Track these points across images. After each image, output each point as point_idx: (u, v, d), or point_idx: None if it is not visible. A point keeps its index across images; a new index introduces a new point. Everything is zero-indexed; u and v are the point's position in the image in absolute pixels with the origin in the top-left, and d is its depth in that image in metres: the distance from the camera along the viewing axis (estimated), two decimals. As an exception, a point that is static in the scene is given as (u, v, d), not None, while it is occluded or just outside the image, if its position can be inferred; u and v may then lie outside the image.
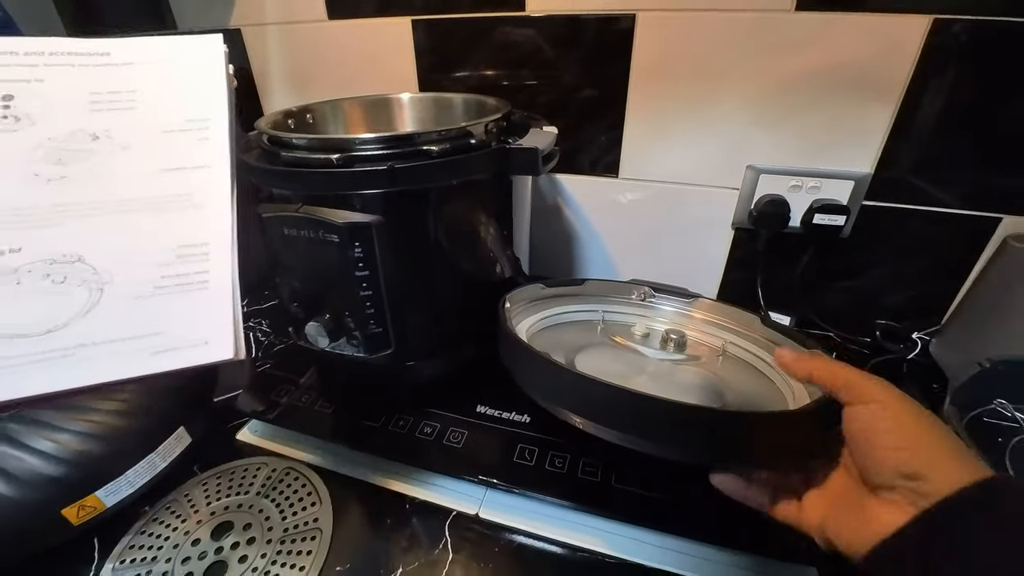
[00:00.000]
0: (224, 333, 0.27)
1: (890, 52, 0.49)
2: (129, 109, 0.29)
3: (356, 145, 0.38)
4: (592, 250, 0.70)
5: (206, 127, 0.30)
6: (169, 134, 0.30)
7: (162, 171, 0.29)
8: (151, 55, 0.31)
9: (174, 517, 0.43)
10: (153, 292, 0.27)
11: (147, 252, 0.28)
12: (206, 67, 0.31)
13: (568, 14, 0.56)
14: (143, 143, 0.29)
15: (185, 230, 0.28)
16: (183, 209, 0.29)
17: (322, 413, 0.49)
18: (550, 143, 0.42)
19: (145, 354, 0.26)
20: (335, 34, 0.66)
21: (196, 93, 0.31)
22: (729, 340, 0.47)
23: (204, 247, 0.28)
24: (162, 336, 0.27)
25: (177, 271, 0.28)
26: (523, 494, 0.41)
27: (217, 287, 0.28)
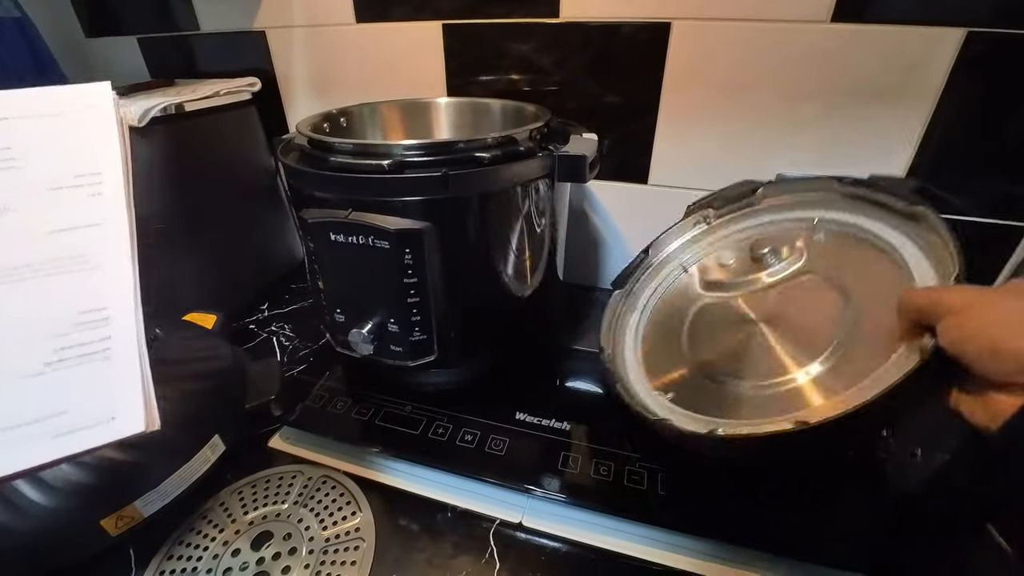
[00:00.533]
0: (133, 404, 0.25)
1: (923, 64, 0.49)
2: (7, 168, 0.27)
3: (406, 151, 0.38)
4: (618, 256, 0.70)
5: (98, 181, 0.28)
6: (56, 191, 0.27)
7: (51, 233, 0.27)
8: (27, 109, 0.29)
9: (211, 527, 0.42)
10: (45, 369, 0.25)
11: (38, 324, 0.25)
12: (96, 117, 0.29)
13: (602, 21, 0.56)
14: (27, 205, 0.27)
15: (81, 295, 0.26)
16: (78, 272, 0.27)
17: (358, 420, 0.48)
18: (594, 150, 0.42)
19: (46, 438, 0.24)
20: (362, 37, 0.65)
21: (85, 145, 0.29)
22: (817, 216, 0.45)
23: (104, 311, 0.26)
24: (64, 416, 0.24)
25: (74, 341, 0.25)
26: (567, 502, 0.41)
27: (121, 354, 0.26)
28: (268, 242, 0.73)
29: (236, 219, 0.68)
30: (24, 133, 0.28)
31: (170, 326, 0.52)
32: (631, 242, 0.69)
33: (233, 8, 0.70)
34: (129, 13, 0.77)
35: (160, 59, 0.79)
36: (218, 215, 0.65)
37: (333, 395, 0.51)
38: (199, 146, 0.62)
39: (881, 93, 0.52)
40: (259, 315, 0.70)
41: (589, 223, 0.69)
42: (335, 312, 0.43)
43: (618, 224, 0.68)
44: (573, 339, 0.59)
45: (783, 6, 0.50)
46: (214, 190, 0.64)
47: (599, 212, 0.68)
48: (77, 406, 0.25)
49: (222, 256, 0.66)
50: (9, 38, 0.70)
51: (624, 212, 0.67)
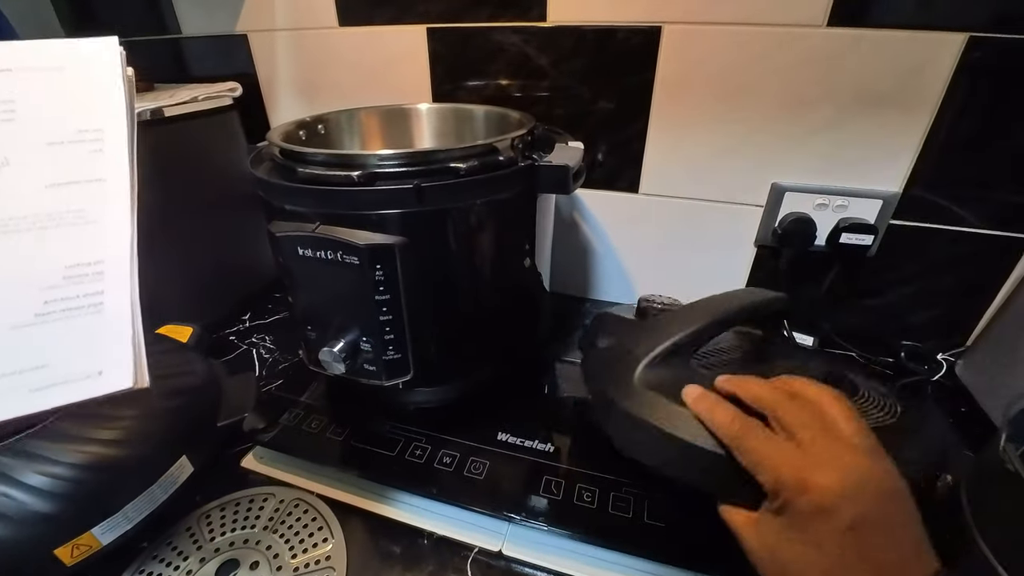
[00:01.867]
0: (122, 360, 0.25)
1: (923, 70, 0.48)
2: (7, 120, 0.27)
3: (378, 161, 0.36)
4: (609, 266, 0.68)
5: (100, 138, 0.28)
6: (56, 146, 0.27)
7: (48, 187, 0.27)
8: (34, 61, 0.28)
9: (175, 554, 0.40)
10: (34, 320, 0.25)
11: (28, 275, 0.25)
12: (101, 72, 0.29)
13: (591, 25, 0.54)
14: (24, 158, 0.27)
15: (75, 248, 0.26)
16: (73, 225, 0.26)
17: (333, 440, 0.46)
18: (578, 160, 0.40)
19: (22, 391, 0.24)
20: (346, 41, 0.64)
21: (89, 101, 0.28)
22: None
23: (98, 266, 0.26)
24: (44, 369, 0.24)
25: (64, 294, 0.25)
26: (549, 530, 0.39)
27: (113, 309, 0.26)
28: (250, 251, 0.71)
29: (216, 227, 0.66)
30: (26, 86, 0.28)
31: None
32: (622, 252, 0.67)
33: (215, 11, 0.68)
34: (110, 15, 0.75)
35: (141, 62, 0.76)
36: (198, 223, 0.63)
37: (309, 413, 0.49)
38: (178, 152, 0.60)
39: (880, 99, 0.50)
40: (240, 326, 0.68)
41: (579, 232, 0.67)
42: (306, 329, 0.41)
43: (609, 234, 0.66)
44: (561, 351, 0.57)
45: (777, 10, 0.49)
46: (194, 197, 0.62)
47: (589, 221, 0.66)
48: (62, 359, 0.25)
49: (203, 265, 0.64)
50: (-14, 40, 0.68)
51: (615, 222, 0.65)
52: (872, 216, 0.54)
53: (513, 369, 0.51)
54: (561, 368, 0.45)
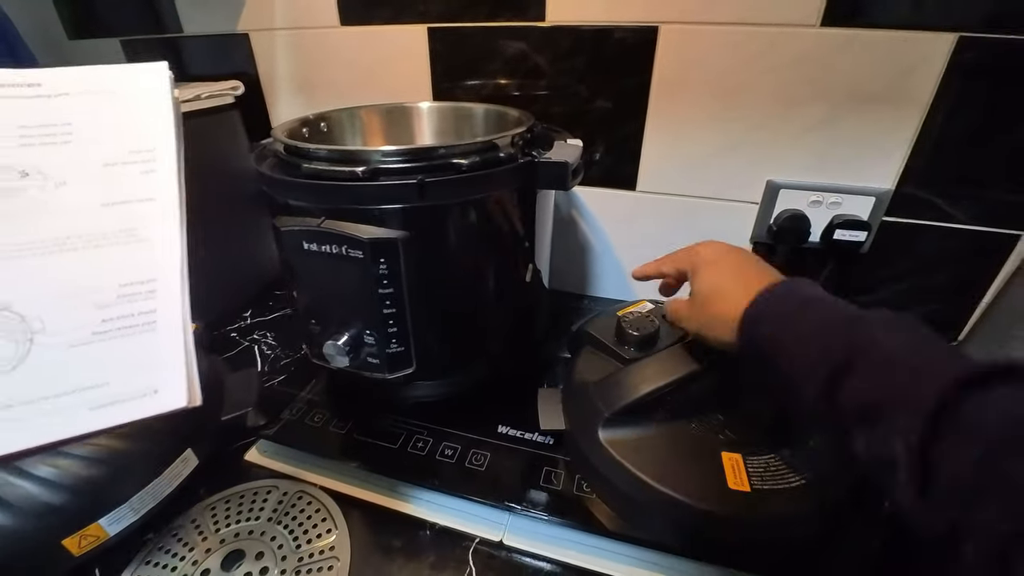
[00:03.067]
0: (176, 378, 0.26)
1: (914, 69, 0.49)
2: (64, 143, 0.28)
3: (381, 157, 0.37)
4: (607, 263, 0.69)
5: (152, 158, 0.29)
6: (111, 167, 0.28)
7: (103, 206, 0.27)
8: (87, 85, 0.29)
9: (181, 545, 0.41)
10: (92, 338, 0.25)
11: (85, 294, 0.25)
12: (150, 95, 0.30)
13: (589, 25, 0.55)
14: (81, 178, 0.27)
15: (129, 267, 0.27)
16: (127, 244, 0.27)
17: (336, 434, 0.47)
18: (577, 156, 0.41)
19: (83, 409, 0.24)
20: (347, 40, 0.64)
21: (140, 123, 0.29)
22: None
23: (151, 283, 0.27)
24: (104, 388, 0.24)
25: (120, 312, 0.26)
26: (550, 520, 0.40)
27: (166, 327, 0.26)
28: (252, 248, 0.72)
29: (219, 224, 0.66)
30: (83, 109, 0.28)
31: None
32: (619, 249, 0.68)
33: (216, 10, 0.68)
34: (112, 15, 0.75)
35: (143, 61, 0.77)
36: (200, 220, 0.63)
37: (312, 407, 0.50)
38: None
39: (873, 98, 0.51)
40: (241, 323, 0.68)
41: (577, 230, 0.68)
42: (310, 323, 0.42)
43: (606, 231, 0.67)
44: (559, 348, 0.58)
45: (772, 10, 0.49)
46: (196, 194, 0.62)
47: (587, 219, 0.67)
48: (119, 378, 0.25)
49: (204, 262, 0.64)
50: (-12, 40, 0.68)
51: (612, 219, 0.66)
52: (865, 213, 0.55)
53: (513, 364, 0.52)
54: (543, 394, 0.46)
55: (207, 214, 0.63)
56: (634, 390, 0.38)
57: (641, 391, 0.38)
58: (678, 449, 0.37)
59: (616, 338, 0.45)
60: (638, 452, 0.37)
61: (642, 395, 0.38)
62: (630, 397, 0.38)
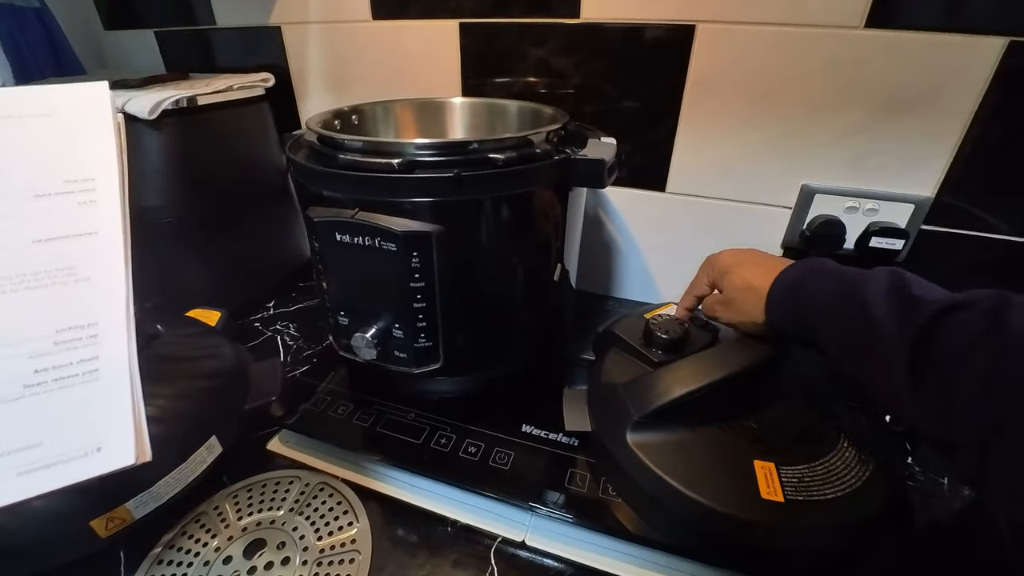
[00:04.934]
0: (122, 433, 0.23)
1: (960, 74, 0.47)
2: None
3: (416, 150, 0.36)
4: (633, 265, 0.68)
5: (91, 188, 0.26)
6: (43, 198, 0.25)
7: (34, 243, 0.24)
8: (19, 108, 0.26)
9: (204, 532, 0.41)
10: (23, 392, 0.22)
11: (15, 343, 0.23)
12: (90, 119, 0.27)
13: (624, 23, 0.54)
14: (9, 212, 0.25)
15: (67, 310, 0.24)
16: (64, 284, 0.24)
17: (359, 426, 0.47)
18: (613, 155, 0.41)
19: (9, 475, 0.21)
20: (378, 34, 0.64)
21: (78, 149, 0.27)
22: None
23: (92, 328, 0.24)
24: (36, 449, 0.22)
25: (56, 362, 0.23)
26: (574, 522, 0.39)
27: (110, 376, 0.24)
28: (277, 239, 0.72)
29: (245, 215, 0.67)
30: (13, 134, 0.26)
31: (172, 322, 0.51)
32: (647, 251, 0.67)
33: (249, 3, 0.69)
34: (147, 7, 0.76)
35: (176, 53, 0.78)
36: (227, 210, 0.64)
37: (335, 399, 0.50)
38: (210, 140, 0.61)
39: (915, 102, 0.49)
40: (264, 313, 0.69)
41: (604, 230, 0.67)
42: (339, 315, 0.42)
43: (633, 232, 0.66)
44: (584, 348, 0.57)
45: (814, 10, 0.48)
46: (224, 185, 0.63)
47: (614, 219, 0.66)
48: (55, 437, 0.22)
49: (230, 252, 0.65)
50: (28, 29, 0.70)
51: (640, 220, 0.65)
52: (903, 220, 0.53)
53: (539, 362, 0.52)
54: (568, 395, 0.46)
55: (233, 203, 0.64)
56: (665, 393, 0.38)
57: (673, 394, 0.37)
58: (709, 455, 0.36)
59: (644, 340, 0.45)
60: (667, 456, 0.36)
61: (674, 398, 0.37)
62: (661, 400, 0.37)
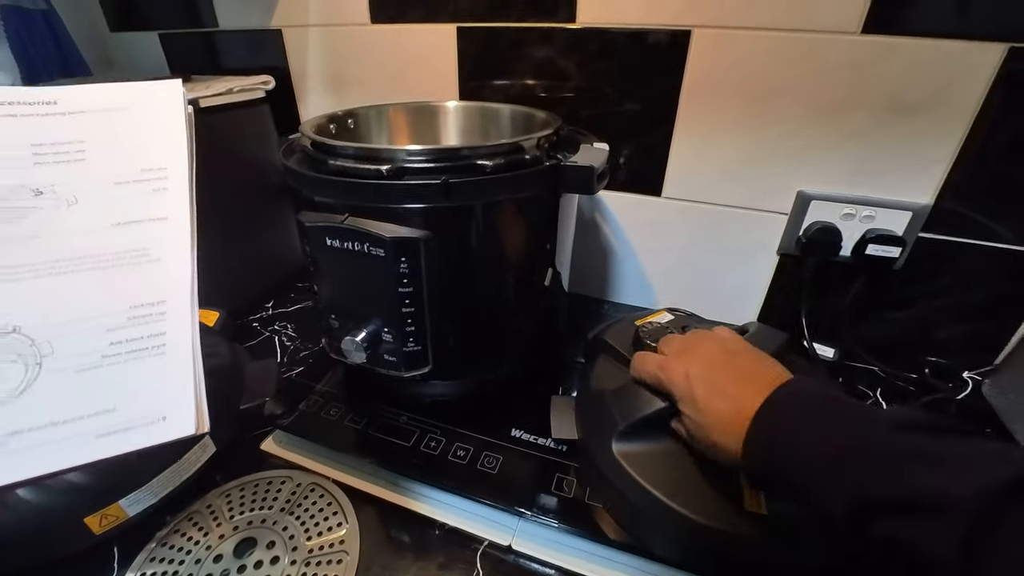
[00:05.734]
0: (184, 405, 0.25)
1: (959, 80, 0.47)
2: (77, 161, 0.27)
3: (406, 156, 0.37)
4: (628, 269, 0.68)
5: (164, 177, 0.28)
6: (122, 186, 0.28)
7: (114, 226, 0.27)
8: (102, 103, 0.29)
9: (196, 530, 0.41)
10: (101, 362, 0.24)
11: (95, 316, 0.25)
12: (164, 113, 0.29)
13: (620, 28, 0.54)
14: (93, 197, 0.27)
15: (139, 288, 0.26)
16: (138, 265, 0.26)
17: (351, 428, 0.47)
18: (603, 161, 0.41)
19: (90, 437, 0.23)
20: (377, 38, 0.65)
21: (152, 141, 0.29)
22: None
23: (161, 305, 0.26)
24: (111, 414, 0.24)
25: (129, 335, 0.25)
26: (560, 527, 0.39)
27: (176, 351, 0.25)
28: (276, 240, 0.73)
29: (246, 216, 0.68)
30: (96, 127, 0.28)
31: (170, 322, 0.52)
32: (642, 255, 0.67)
33: (251, 5, 0.70)
34: (152, 9, 0.78)
35: (180, 54, 0.79)
36: (227, 211, 0.65)
37: (328, 400, 0.50)
38: (211, 142, 0.61)
39: (914, 109, 0.49)
40: (263, 313, 0.69)
41: (599, 234, 0.67)
42: (330, 318, 0.42)
43: (629, 236, 0.66)
44: (577, 352, 0.58)
45: (811, 16, 0.48)
46: (225, 186, 0.64)
47: (610, 223, 0.66)
48: (127, 404, 0.24)
49: (230, 252, 0.66)
50: (35, 31, 0.71)
51: (636, 224, 0.65)
52: (900, 228, 0.53)
53: (529, 367, 0.52)
54: (556, 402, 0.46)
55: (233, 204, 0.65)
56: (651, 403, 0.38)
57: (657, 404, 0.37)
58: (694, 466, 0.36)
59: (633, 348, 0.45)
60: (652, 466, 0.36)
61: (659, 409, 0.37)
62: (647, 410, 0.37)
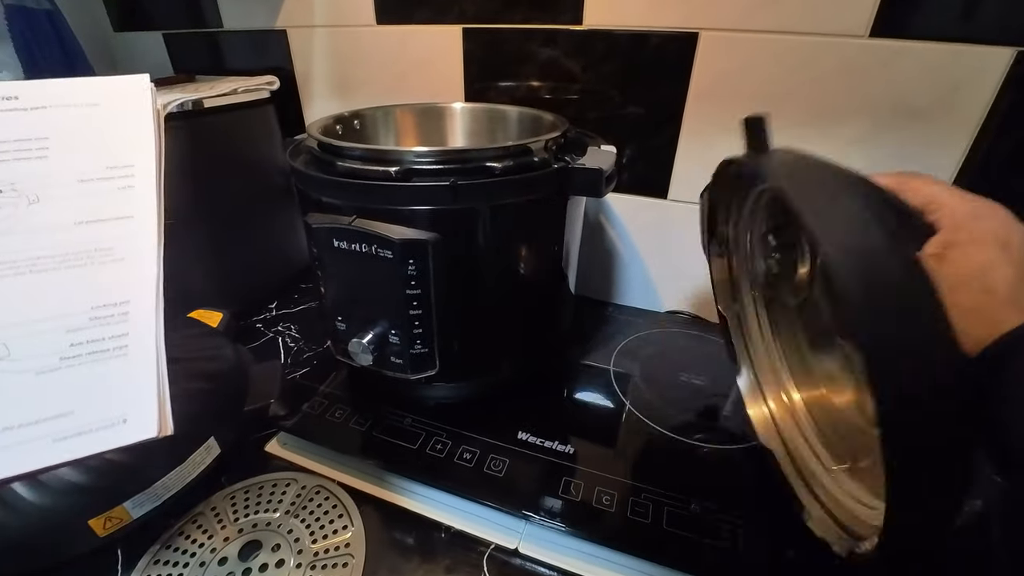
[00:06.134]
0: (146, 407, 0.24)
1: (965, 84, 0.47)
2: (40, 158, 0.27)
3: (415, 158, 0.36)
4: (634, 271, 0.68)
5: (130, 175, 0.28)
6: (87, 183, 0.27)
7: (77, 224, 0.26)
8: (67, 98, 0.28)
9: (200, 532, 0.41)
10: (59, 364, 0.24)
11: (55, 317, 0.24)
12: (131, 109, 0.29)
13: (627, 30, 0.54)
14: (56, 195, 0.26)
15: (103, 288, 0.26)
16: (101, 264, 0.26)
17: (356, 430, 0.47)
18: (611, 163, 0.41)
19: (47, 441, 0.22)
20: (382, 39, 0.65)
21: (119, 138, 0.28)
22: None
23: (123, 306, 0.26)
24: (69, 417, 0.23)
25: (90, 336, 0.24)
26: (567, 531, 0.39)
27: (138, 352, 0.25)
28: (280, 240, 0.73)
29: (249, 217, 0.68)
30: (60, 123, 0.28)
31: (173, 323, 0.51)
32: (648, 258, 0.66)
33: (256, 6, 0.70)
34: (156, 9, 0.77)
35: (184, 55, 0.79)
36: (231, 212, 0.64)
37: (333, 402, 0.50)
38: (216, 143, 0.62)
39: (920, 114, 0.49)
40: (267, 314, 0.69)
41: (605, 236, 0.67)
42: (336, 320, 0.42)
43: (635, 239, 0.66)
44: (583, 355, 0.58)
45: (819, 19, 0.48)
46: (228, 187, 0.64)
47: (616, 226, 0.66)
48: (86, 407, 0.24)
49: (233, 253, 0.66)
50: (39, 30, 0.71)
51: (642, 227, 0.65)
52: (907, 232, 0.53)
53: (536, 369, 0.52)
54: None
55: (237, 205, 0.65)
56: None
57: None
58: None
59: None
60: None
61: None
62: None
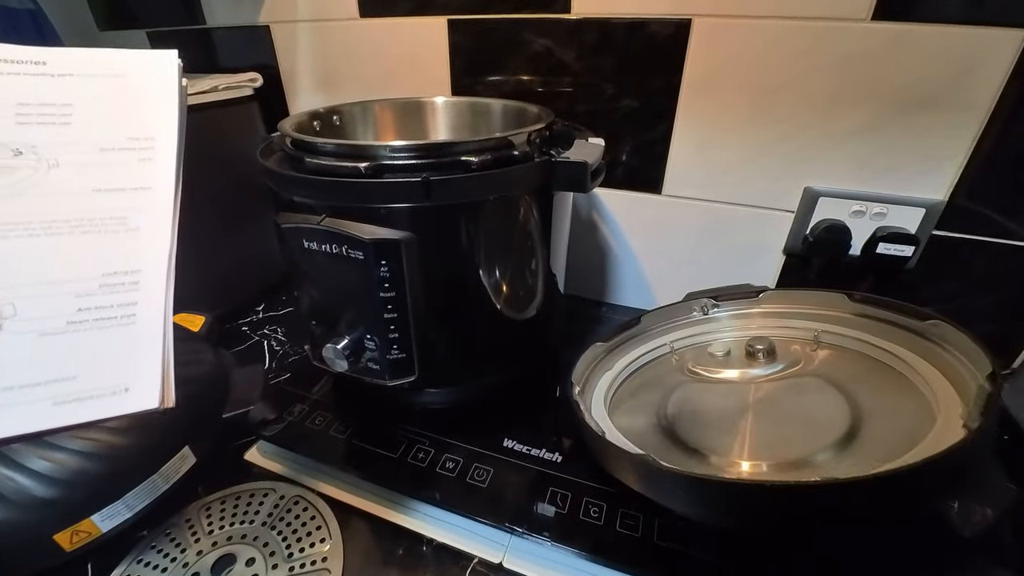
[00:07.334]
0: (150, 377, 0.24)
1: (976, 69, 0.44)
2: (63, 124, 0.27)
3: (386, 153, 0.34)
4: (627, 270, 0.66)
5: (150, 146, 0.28)
6: (107, 152, 0.27)
7: (95, 191, 0.26)
8: (94, 68, 0.28)
9: (173, 546, 0.40)
10: (66, 328, 0.24)
11: (65, 281, 0.24)
12: (157, 83, 0.29)
13: (617, 18, 0.52)
14: (75, 161, 0.26)
15: (115, 256, 0.26)
16: (115, 233, 0.26)
17: (336, 438, 0.45)
18: (598, 157, 0.38)
19: (47, 404, 0.22)
20: (367, 33, 0.63)
21: (143, 110, 0.29)
22: (820, 329, 0.44)
23: (135, 275, 0.25)
24: (71, 382, 0.23)
25: (99, 303, 0.24)
26: (553, 545, 0.37)
27: (146, 322, 0.25)
28: (266, 241, 0.71)
29: (234, 217, 0.66)
30: (86, 91, 0.28)
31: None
32: (642, 255, 0.64)
33: (239, 3, 0.68)
34: (140, 7, 0.76)
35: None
36: (214, 212, 0.63)
37: (314, 409, 0.49)
38: (197, 141, 0.59)
39: (927, 100, 0.46)
40: (253, 316, 0.68)
41: (597, 233, 0.65)
42: (311, 324, 0.40)
43: (628, 236, 0.64)
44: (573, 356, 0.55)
45: (817, 2, 0.46)
46: (212, 186, 0.62)
47: (608, 222, 0.63)
48: (90, 373, 0.23)
49: (218, 255, 0.64)
50: (23, 30, 0.70)
51: (635, 223, 0.63)
52: (913, 226, 0.50)
53: (523, 373, 0.50)
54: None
55: (222, 205, 0.63)
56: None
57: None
58: None
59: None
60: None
61: None
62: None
